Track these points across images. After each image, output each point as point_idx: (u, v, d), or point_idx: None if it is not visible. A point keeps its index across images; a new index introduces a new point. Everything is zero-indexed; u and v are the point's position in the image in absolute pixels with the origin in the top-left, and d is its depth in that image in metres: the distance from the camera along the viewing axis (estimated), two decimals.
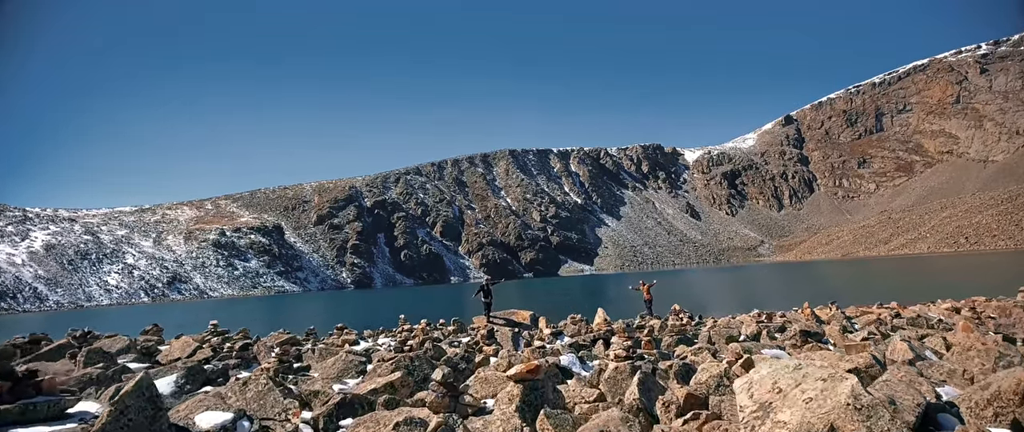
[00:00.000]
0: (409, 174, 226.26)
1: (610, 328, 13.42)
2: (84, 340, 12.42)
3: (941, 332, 10.12)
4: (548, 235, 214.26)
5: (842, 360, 5.80)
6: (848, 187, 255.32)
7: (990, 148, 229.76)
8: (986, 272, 55.61)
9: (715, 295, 49.83)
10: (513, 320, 19.31)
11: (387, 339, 16.31)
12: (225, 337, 16.33)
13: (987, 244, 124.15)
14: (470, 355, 11.33)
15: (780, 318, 14.88)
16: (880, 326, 12.18)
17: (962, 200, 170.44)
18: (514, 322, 19.12)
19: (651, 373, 6.30)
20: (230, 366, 10.66)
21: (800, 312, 15.98)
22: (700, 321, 16.69)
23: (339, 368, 9.96)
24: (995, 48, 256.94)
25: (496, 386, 7.11)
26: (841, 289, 45.17)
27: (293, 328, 24.15)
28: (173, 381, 8.32)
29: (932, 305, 17.21)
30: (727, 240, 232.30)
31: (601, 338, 12.38)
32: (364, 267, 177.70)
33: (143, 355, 11.87)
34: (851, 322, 13.45)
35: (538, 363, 6.03)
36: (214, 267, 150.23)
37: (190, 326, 49.10)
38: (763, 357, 6.37)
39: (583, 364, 9.41)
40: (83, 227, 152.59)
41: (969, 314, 12.52)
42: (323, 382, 8.65)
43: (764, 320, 13.19)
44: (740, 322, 13.68)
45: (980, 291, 21.27)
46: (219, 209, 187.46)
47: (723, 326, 12.84)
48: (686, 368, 6.71)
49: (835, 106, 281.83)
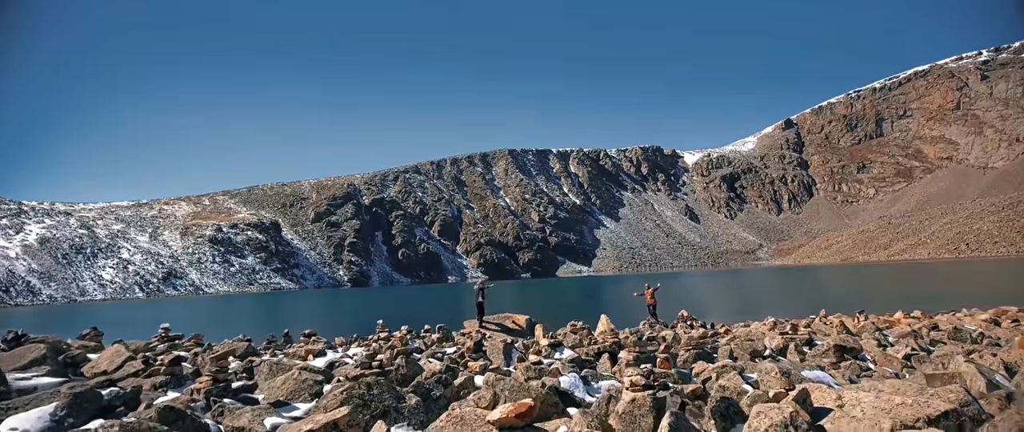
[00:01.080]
0: (408, 172, 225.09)
1: (617, 340, 12.27)
2: (16, 342, 10.66)
3: (987, 348, 9.26)
4: (546, 236, 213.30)
5: (924, 393, 4.82)
6: (847, 192, 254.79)
7: (990, 155, 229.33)
8: (996, 279, 54.76)
9: (719, 300, 48.97)
10: (507, 326, 18.08)
11: (359, 349, 14.60)
12: (172, 344, 14.61)
13: (989, 251, 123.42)
14: (451, 373, 9.75)
15: (804, 328, 13.75)
16: (917, 339, 11.25)
17: (962, 206, 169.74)
18: (508, 328, 17.92)
19: (680, 411, 5.14)
20: (156, 386, 8.84)
21: (821, 321, 14.96)
22: (714, 331, 15.32)
23: (289, 389, 8.41)
24: (996, 55, 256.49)
25: None
26: (849, 295, 44.24)
27: (278, 328, 23.19)
28: (48, 415, 6.16)
29: (962, 315, 16.23)
30: (726, 243, 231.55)
31: (607, 351, 11.30)
32: (361, 265, 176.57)
33: (64, 367, 9.85)
34: (883, 334, 12.47)
35: (530, 403, 4.84)
36: (210, 263, 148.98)
37: (180, 323, 48.21)
38: (814, 385, 5.41)
39: (587, 385, 8.29)
40: (79, 221, 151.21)
41: (1010, 325, 11.63)
42: (255, 416, 6.77)
43: (788, 331, 12.11)
44: (761, 333, 12.63)
45: (998, 300, 20.40)
46: (216, 205, 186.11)
47: (743, 338, 11.68)
48: (727, 405, 5.47)
49: (835, 111, 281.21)
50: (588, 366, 10.16)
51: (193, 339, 15.99)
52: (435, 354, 12.74)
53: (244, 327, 41.18)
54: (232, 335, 20.22)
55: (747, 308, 33.46)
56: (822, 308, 18.74)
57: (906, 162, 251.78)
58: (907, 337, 11.55)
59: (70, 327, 49.36)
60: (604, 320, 19.12)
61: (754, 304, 38.22)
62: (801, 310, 28.68)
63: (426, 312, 49.94)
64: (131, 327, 44.18)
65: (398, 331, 17.18)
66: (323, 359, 12.19)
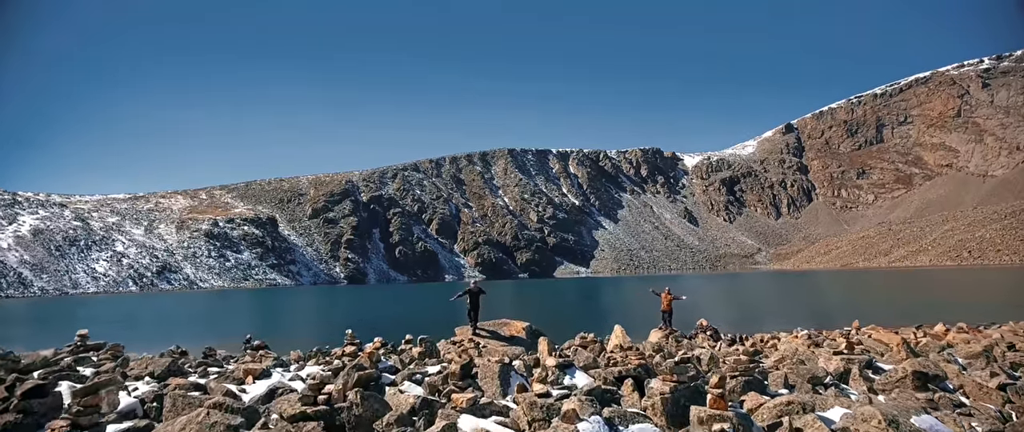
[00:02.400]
0: (407, 170, 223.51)
1: (642, 361, 10.10)
2: None
3: None
4: (544, 236, 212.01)
5: None
6: (846, 197, 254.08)
7: (990, 163, 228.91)
8: (1014, 289, 53.39)
9: (731, 306, 47.58)
10: (502, 334, 16.42)
11: (316, 368, 11.89)
12: (81, 357, 12.06)
13: (991, 259, 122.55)
14: (428, 412, 7.43)
15: (854, 344, 12.24)
16: (991, 361, 9.99)
17: (964, 213, 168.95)
18: (504, 337, 16.29)
19: None
20: (4, 429, 6.50)
21: (870, 336, 13.54)
22: (755, 349, 13.27)
23: None
24: (998, 63, 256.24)
25: None
26: (867, 302, 42.89)
27: (263, 326, 21.92)
28: None
29: (1011, 328, 14.96)
30: (724, 247, 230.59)
31: (630, 376, 9.32)
32: (358, 262, 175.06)
33: None
34: (950, 353, 11.15)
35: None
36: (205, 258, 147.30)
37: (156, 321, 46.11)
38: None
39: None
40: (73, 213, 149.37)
41: None
42: None
43: (843, 350, 10.70)
44: (809, 352, 11.26)
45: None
46: (214, 199, 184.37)
47: (792, 359, 10.13)
48: None
49: (836, 116, 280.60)
50: (610, 398, 8.43)
51: (109, 351, 13.02)
52: (413, 376, 10.35)
53: (225, 325, 39.63)
54: (208, 334, 18.63)
55: (762, 315, 32.11)
56: (855, 319, 17.34)
57: (906, 169, 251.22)
58: (978, 358, 10.28)
59: (45, 321, 47.71)
60: (619, 333, 17.63)
61: (769, 311, 36.92)
62: (822, 318, 27.35)
63: (419, 313, 48.51)
64: (101, 324, 42.70)
65: (370, 344, 14.00)
66: (265, 383, 9.92)
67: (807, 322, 24.29)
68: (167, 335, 30.07)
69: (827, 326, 21.01)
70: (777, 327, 22.90)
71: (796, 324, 22.70)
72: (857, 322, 15.98)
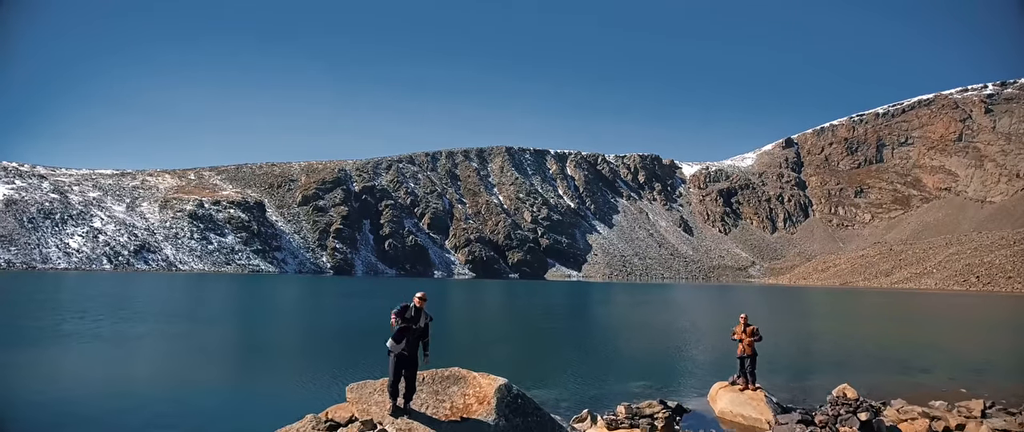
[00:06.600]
0: (401, 162, 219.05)
1: None
2: None
3: None
4: (538, 237, 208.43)
5: None
6: (843, 215, 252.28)
7: (989, 189, 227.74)
8: None
9: (810, 339, 33.45)
10: (450, 414, 8.21)
11: None
12: None
13: (1002, 286, 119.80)
14: None
15: None
16: None
17: (969, 238, 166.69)
18: (452, 422, 8.02)
19: None
20: None
21: None
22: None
23: None
24: (1002, 89, 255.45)
25: None
26: (911, 335, 36.68)
27: (245, 317, 18.13)
28: None
29: None
30: (718, 258, 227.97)
31: None
32: (346, 253, 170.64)
33: None
34: None
35: None
36: (187, 239, 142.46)
37: (96, 303, 40.90)
38: None
39: None
40: (52, 185, 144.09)
41: None
42: None
43: None
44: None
45: None
46: (202, 180, 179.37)
47: None
48: None
49: (837, 133, 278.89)
50: None
51: None
52: None
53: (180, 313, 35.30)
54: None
55: (880, 361, 24.15)
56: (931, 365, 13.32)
57: (904, 190, 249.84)
58: None
59: None
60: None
61: (876, 355, 25.98)
62: (967, 366, 21.95)
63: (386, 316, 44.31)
64: (35, 307, 38.61)
65: None
66: None
67: (950, 371, 19.79)
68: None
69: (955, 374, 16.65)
70: (917, 384, 17.30)
71: (944, 375, 18.42)
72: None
